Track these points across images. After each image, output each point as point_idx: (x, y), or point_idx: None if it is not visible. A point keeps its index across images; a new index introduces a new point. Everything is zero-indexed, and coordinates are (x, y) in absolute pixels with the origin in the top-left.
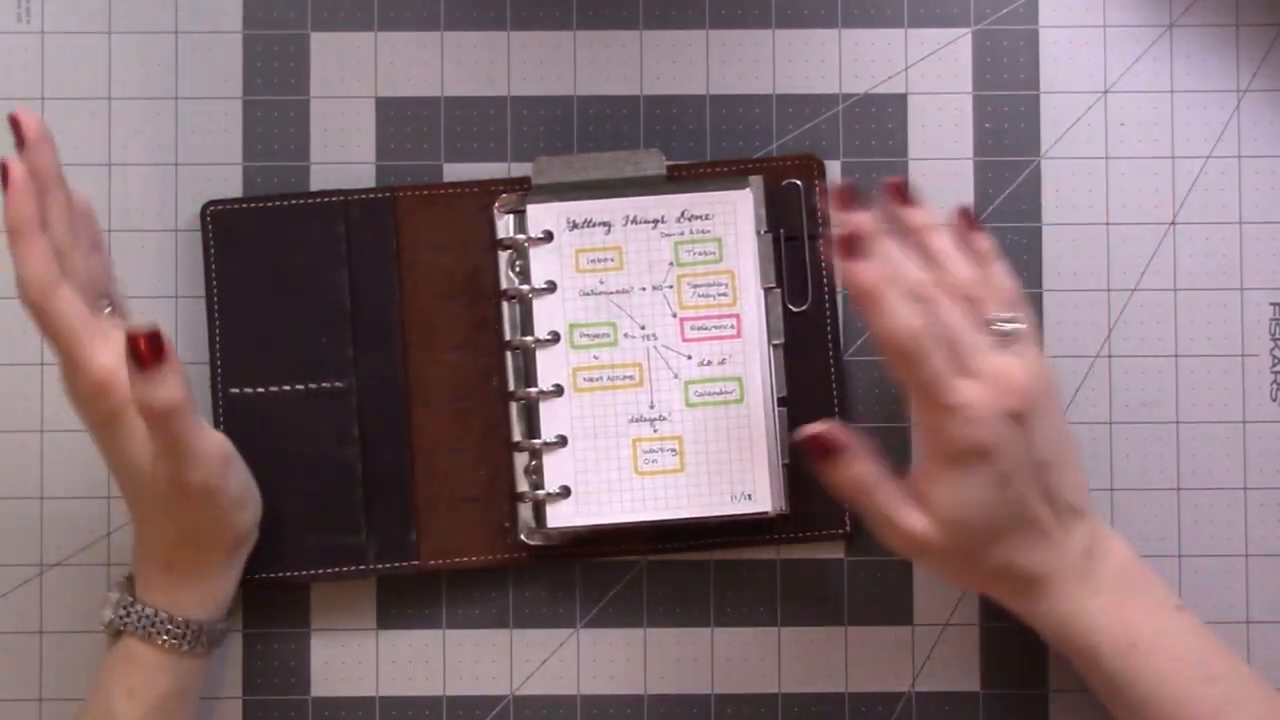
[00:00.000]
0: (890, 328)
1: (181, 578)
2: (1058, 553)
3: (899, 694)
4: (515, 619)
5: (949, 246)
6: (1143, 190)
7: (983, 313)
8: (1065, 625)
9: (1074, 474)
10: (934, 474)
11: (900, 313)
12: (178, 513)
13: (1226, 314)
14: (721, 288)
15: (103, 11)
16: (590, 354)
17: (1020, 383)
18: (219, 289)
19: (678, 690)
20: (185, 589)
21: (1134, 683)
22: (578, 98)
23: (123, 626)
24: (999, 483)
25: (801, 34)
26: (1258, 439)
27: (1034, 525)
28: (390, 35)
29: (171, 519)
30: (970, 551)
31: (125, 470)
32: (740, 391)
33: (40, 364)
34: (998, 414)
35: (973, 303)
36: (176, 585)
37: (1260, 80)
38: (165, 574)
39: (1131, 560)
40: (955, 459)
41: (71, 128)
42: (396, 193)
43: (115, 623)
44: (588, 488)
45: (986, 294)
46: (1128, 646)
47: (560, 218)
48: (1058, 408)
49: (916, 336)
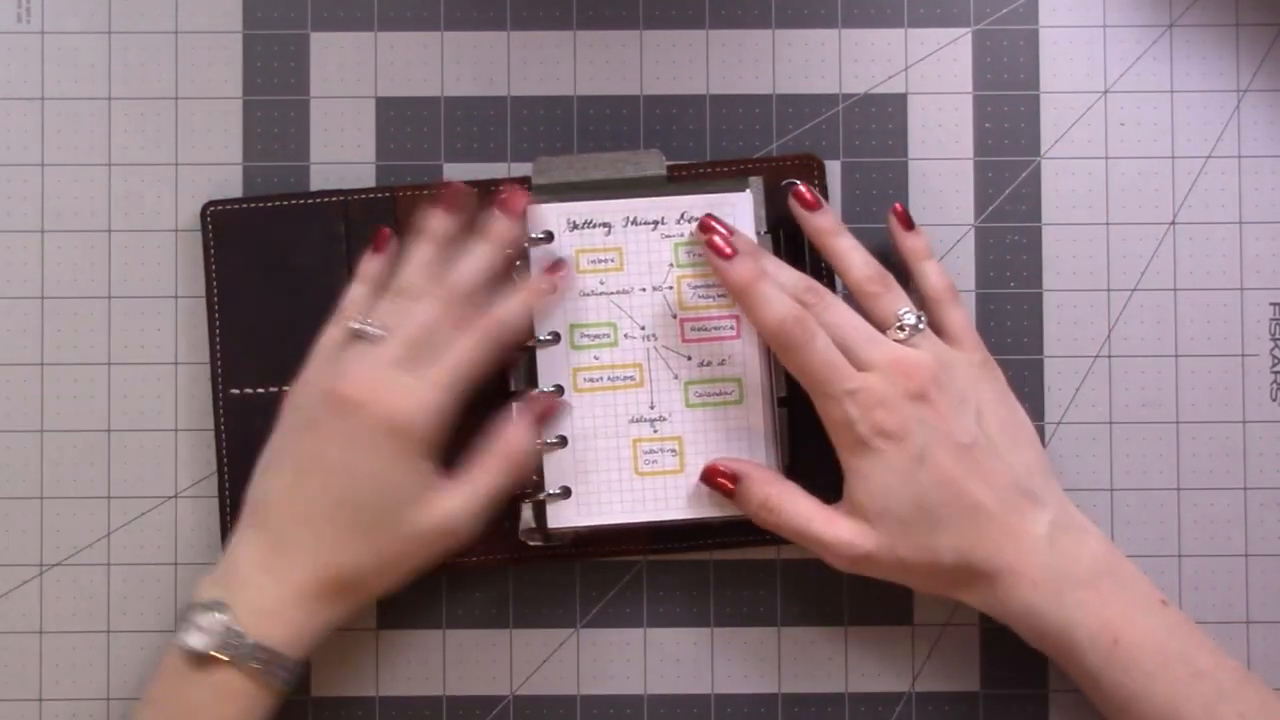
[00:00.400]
0: (765, 317)
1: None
2: (1015, 540)
3: (899, 694)
4: (515, 619)
5: (848, 248)
6: (1143, 190)
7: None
8: (1039, 618)
9: (1024, 455)
10: (848, 469)
11: (774, 301)
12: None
13: (1226, 314)
14: (721, 289)
15: (103, 11)
16: (591, 354)
17: (917, 366)
18: (219, 289)
19: (678, 690)
20: (312, 626)
21: (1120, 681)
22: (578, 98)
23: (224, 656)
24: (913, 463)
25: (801, 34)
26: (1258, 439)
27: (977, 510)
28: (390, 35)
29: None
30: (912, 545)
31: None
32: (740, 392)
33: (40, 364)
34: (897, 396)
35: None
36: (305, 621)
37: (1260, 80)
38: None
39: (1109, 553)
40: (861, 445)
41: (71, 128)
42: (396, 193)
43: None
44: (588, 488)
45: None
46: (1110, 643)
47: (561, 218)
48: (1000, 391)
49: (793, 322)
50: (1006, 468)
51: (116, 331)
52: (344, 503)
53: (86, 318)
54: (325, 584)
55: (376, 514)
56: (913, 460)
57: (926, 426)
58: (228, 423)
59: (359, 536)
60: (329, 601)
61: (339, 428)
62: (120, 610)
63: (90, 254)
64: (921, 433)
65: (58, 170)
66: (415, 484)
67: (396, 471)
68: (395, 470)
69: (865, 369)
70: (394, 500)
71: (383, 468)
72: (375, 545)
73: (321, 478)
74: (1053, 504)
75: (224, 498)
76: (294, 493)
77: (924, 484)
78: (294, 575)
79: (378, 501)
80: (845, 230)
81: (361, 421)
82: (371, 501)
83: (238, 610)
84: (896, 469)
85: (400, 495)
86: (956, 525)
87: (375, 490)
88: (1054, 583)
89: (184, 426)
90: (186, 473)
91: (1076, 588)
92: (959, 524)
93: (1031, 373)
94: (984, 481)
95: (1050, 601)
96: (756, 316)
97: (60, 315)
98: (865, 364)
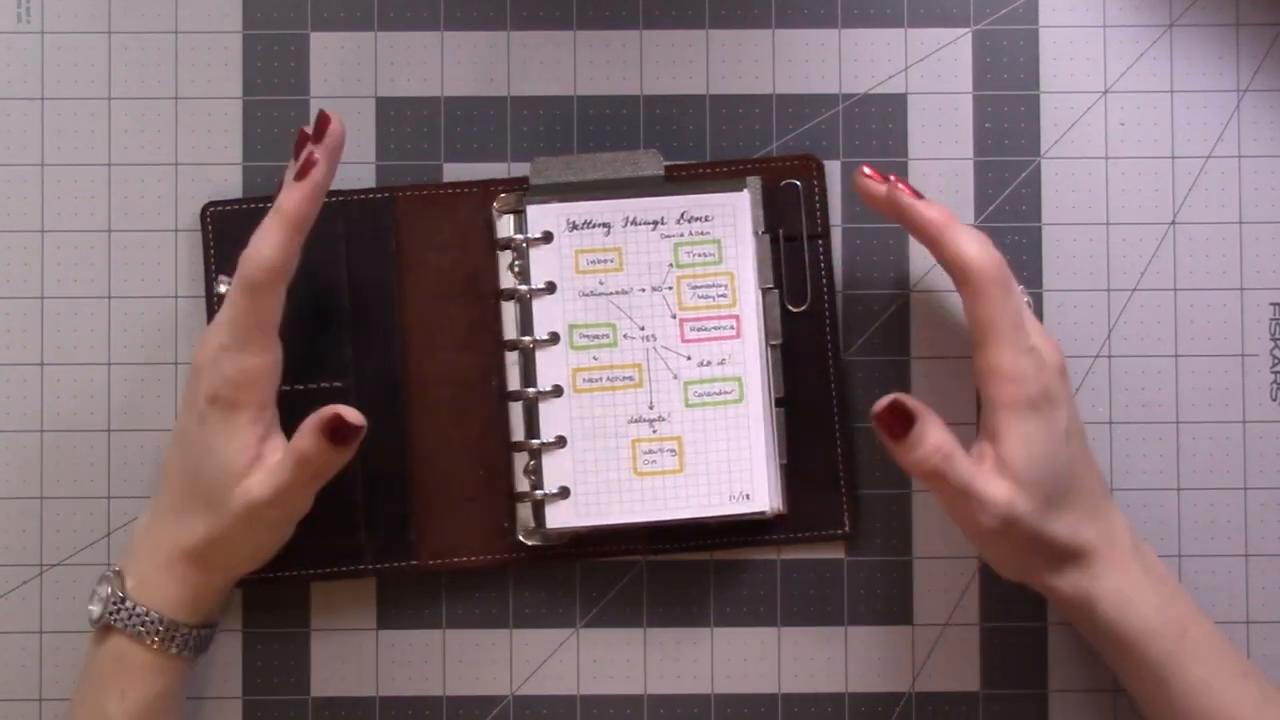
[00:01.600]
0: (975, 251)
1: (191, 583)
2: (1111, 526)
3: (899, 694)
4: (515, 619)
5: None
6: (1143, 190)
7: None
8: (1125, 603)
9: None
10: (1008, 426)
11: (978, 242)
12: (251, 526)
13: (1226, 314)
14: (721, 289)
15: (103, 11)
16: (590, 354)
17: (1058, 348)
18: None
19: (678, 690)
20: (187, 593)
21: (1181, 672)
22: (577, 98)
23: (112, 623)
24: (1064, 436)
25: (801, 34)
26: (1258, 439)
27: (1088, 494)
28: (390, 35)
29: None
30: (1043, 520)
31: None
32: (739, 392)
33: (40, 364)
34: (1056, 367)
35: None
36: (178, 588)
37: (1260, 80)
38: (169, 574)
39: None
40: (1028, 405)
41: (71, 128)
42: (396, 193)
43: (104, 618)
44: (587, 488)
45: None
46: (1180, 632)
47: (560, 218)
48: None
49: (1001, 260)
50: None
51: (116, 331)
52: (187, 471)
53: (86, 318)
54: (186, 552)
55: (207, 486)
56: (1063, 434)
57: (1070, 405)
58: None
59: (198, 508)
60: (194, 569)
61: (185, 396)
62: None
63: (90, 254)
64: (1068, 409)
65: (58, 170)
66: (232, 455)
67: (216, 441)
68: (216, 439)
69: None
70: (218, 472)
71: (208, 437)
72: (210, 518)
73: (175, 447)
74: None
75: None
76: (169, 464)
77: (1068, 459)
78: (163, 544)
79: (206, 472)
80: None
81: (194, 388)
82: (202, 472)
83: (127, 578)
84: (1054, 437)
85: (221, 467)
86: (1079, 503)
87: (202, 461)
88: (1138, 571)
89: None
90: None
91: (1153, 580)
92: (1081, 502)
93: None
94: (1093, 471)
95: (1135, 587)
96: (963, 251)
97: (60, 315)
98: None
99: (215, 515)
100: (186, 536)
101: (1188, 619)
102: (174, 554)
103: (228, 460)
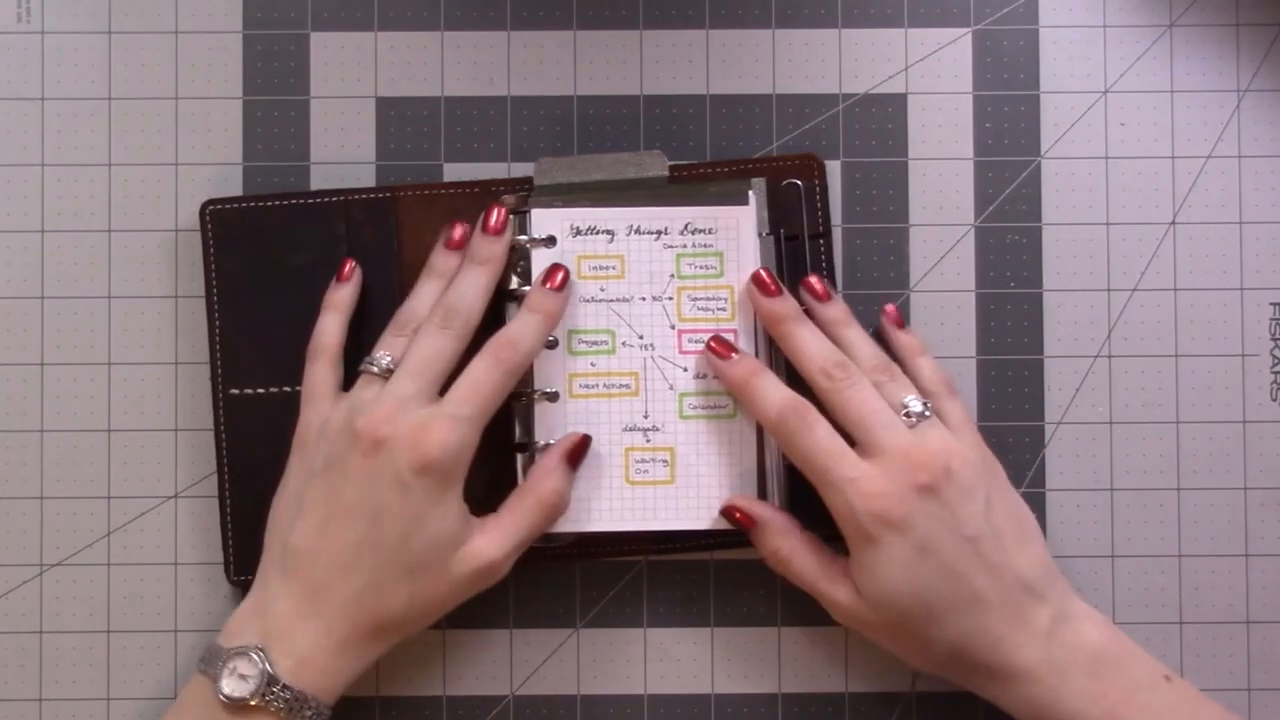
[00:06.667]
0: (764, 409)
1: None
2: (1014, 635)
3: (899, 694)
4: (515, 619)
5: (858, 338)
6: (1143, 190)
7: (894, 398)
8: (1040, 712)
9: (1029, 550)
10: (852, 558)
11: (770, 392)
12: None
13: (1226, 314)
14: (721, 302)
15: (103, 11)
16: (587, 361)
17: (928, 456)
18: (219, 289)
19: (678, 690)
20: (361, 667)
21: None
22: (578, 98)
23: (261, 704)
24: (917, 555)
25: (801, 34)
26: (1258, 439)
27: (978, 602)
28: (390, 35)
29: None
30: (910, 631)
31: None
32: (734, 407)
33: (40, 364)
34: (903, 486)
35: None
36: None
37: (1260, 80)
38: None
39: (1110, 636)
40: (862, 533)
41: (71, 128)
42: (396, 193)
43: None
44: (577, 494)
45: (894, 381)
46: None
47: (564, 223)
48: (1002, 485)
49: (790, 411)
50: (1011, 562)
51: (116, 331)
52: (381, 548)
53: (86, 318)
54: (366, 630)
55: (415, 558)
56: (915, 551)
57: (931, 518)
58: (228, 423)
59: (399, 583)
60: (369, 646)
61: (364, 468)
62: (120, 610)
63: (90, 254)
64: (925, 523)
65: (58, 170)
66: (450, 525)
67: (430, 512)
68: (428, 511)
69: (878, 454)
70: (430, 543)
71: (415, 509)
72: (415, 590)
73: (352, 522)
74: (1054, 597)
75: (224, 498)
76: (325, 538)
77: (926, 576)
78: (334, 624)
79: (415, 545)
80: (854, 321)
81: (387, 460)
82: (408, 545)
83: (276, 657)
84: (898, 559)
85: (436, 538)
86: (955, 618)
87: (411, 533)
88: (1053, 676)
89: (184, 426)
90: (186, 473)
91: (1076, 678)
92: (958, 617)
93: (1031, 373)
94: (987, 575)
95: (1049, 695)
96: (756, 409)
97: (60, 315)
98: (878, 449)
99: (421, 583)
100: (385, 609)
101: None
102: (363, 629)
103: (446, 530)
